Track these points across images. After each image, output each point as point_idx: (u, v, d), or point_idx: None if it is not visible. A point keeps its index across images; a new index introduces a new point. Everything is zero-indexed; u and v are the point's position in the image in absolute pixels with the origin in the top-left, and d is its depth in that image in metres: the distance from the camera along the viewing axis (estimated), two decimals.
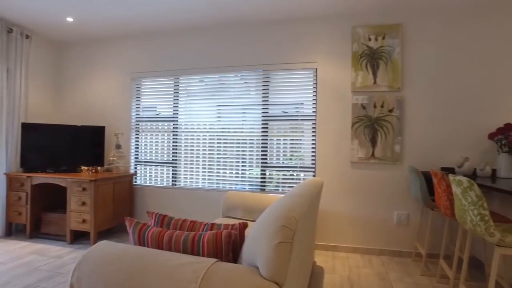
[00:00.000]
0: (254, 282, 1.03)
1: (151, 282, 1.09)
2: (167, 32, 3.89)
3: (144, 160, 4.00)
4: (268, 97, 3.55)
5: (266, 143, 3.57)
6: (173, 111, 3.88)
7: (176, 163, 3.86)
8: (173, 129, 3.88)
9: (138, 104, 4.03)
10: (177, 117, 3.86)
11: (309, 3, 3.09)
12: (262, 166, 3.57)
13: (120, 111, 4.06)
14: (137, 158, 4.03)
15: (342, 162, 3.31)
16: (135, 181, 4.02)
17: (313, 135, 3.42)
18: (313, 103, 3.42)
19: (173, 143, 3.88)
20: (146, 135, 4.00)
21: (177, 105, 3.86)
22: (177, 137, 3.86)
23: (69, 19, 3.56)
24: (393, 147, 3.17)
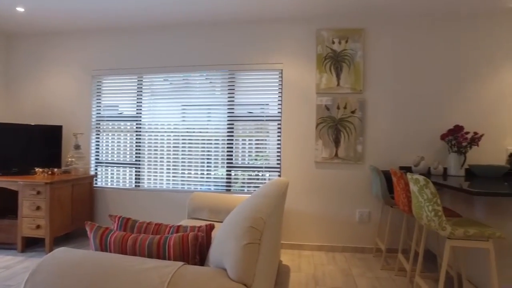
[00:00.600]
0: (223, 284, 1.02)
1: None
2: (130, 29, 3.75)
3: (106, 161, 3.83)
4: (234, 98, 3.55)
5: (232, 144, 3.56)
6: (136, 111, 3.75)
7: (140, 164, 3.74)
8: (136, 129, 3.75)
9: (99, 103, 3.85)
10: (141, 117, 3.74)
11: (275, 4, 3.13)
12: (228, 167, 3.56)
13: (80, 110, 3.85)
14: (98, 159, 3.85)
15: (307, 162, 3.39)
16: (96, 183, 3.83)
17: (279, 136, 3.47)
18: (279, 104, 3.47)
19: (136, 143, 3.75)
20: (108, 135, 3.83)
21: (141, 104, 3.74)
22: (141, 137, 3.73)
23: (20, 9, 3.31)
24: (356, 147, 3.30)
